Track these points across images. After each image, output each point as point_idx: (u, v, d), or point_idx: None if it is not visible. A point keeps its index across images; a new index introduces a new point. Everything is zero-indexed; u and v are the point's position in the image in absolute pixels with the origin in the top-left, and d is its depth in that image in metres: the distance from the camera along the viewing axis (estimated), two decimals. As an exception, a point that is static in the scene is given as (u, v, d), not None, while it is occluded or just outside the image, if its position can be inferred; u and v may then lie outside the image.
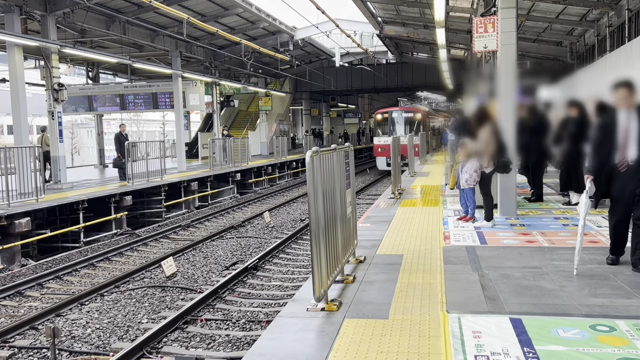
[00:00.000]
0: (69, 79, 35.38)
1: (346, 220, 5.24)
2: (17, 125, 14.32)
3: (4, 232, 10.91)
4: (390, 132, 25.55)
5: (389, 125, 26.25)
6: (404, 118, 26.17)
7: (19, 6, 13.80)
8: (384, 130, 26.51)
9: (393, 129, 25.89)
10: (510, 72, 8.21)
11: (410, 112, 26.69)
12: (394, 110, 27.15)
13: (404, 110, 27.16)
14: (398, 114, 26.42)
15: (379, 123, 27.03)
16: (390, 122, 26.29)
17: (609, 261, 5.51)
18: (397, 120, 26.19)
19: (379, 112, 27.37)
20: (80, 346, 6.71)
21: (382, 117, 26.74)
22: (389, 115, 26.50)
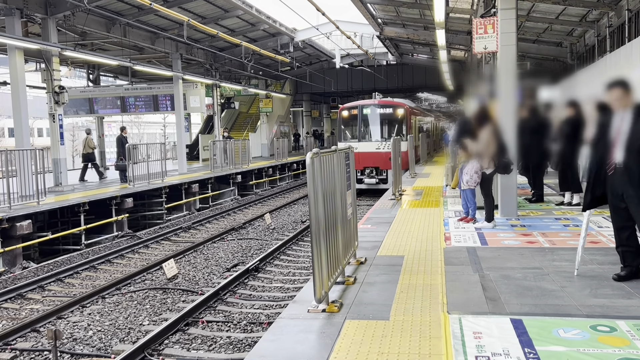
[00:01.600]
0: (70, 81, 35.45)
1: (347, 222, 5.25)
2: (18, 127, 14.34)
3: (6, 234, 10.92)
4: (360, 134, 19.39)
5: (359, 125, 19.55)
6: (379, 115, 19.51)
7: (20, 9, 13.82)
8: (352, 132, 19.76)
9: (365, 131, 19.66)
10: (510, 73, 8.22)
11: (389, 106, 19.79)
12: (366, 104, 19.92)
13: (379, 104, 19.84)
14: (371, 110, 19.56)
15: (346, 122, 19.98)
16: (361, 121, 19.58)
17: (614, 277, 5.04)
18: (371, 119, 19.55)
19: (344, 108, 20.11)
20: (81, 348, 6.72)
21: (349, 115, 19.76)
22: (359, 111, 19.61)
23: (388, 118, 19.54)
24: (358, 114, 19.54)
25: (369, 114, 19.57)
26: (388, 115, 19.54)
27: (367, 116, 19.60)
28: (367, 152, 18.32)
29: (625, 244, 4.97)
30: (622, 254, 5.01)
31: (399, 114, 19.41)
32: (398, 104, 19.92)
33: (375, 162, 18.46)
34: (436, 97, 42.63)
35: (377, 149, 18.57)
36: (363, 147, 18.30)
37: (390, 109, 19.61)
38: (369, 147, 18.55)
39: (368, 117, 19.59)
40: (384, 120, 19.54)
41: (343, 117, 19.94)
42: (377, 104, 19.89)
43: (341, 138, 19.93)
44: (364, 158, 18.01)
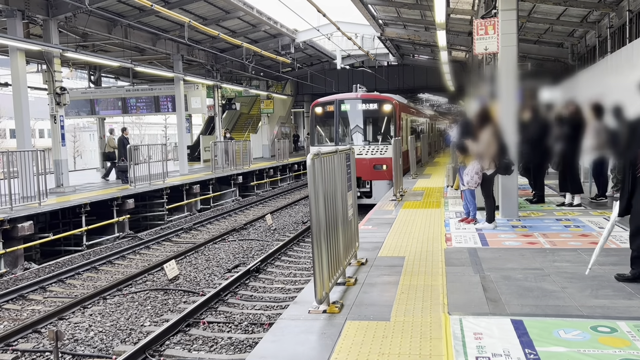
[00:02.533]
0: (71, 82, 35.51)
1: (347, 223, 5.26)
2: (19, 129, 14.36)
3: (7, 235, 10.94)
4: (338, 136, 15.73)
5: (336, 125, 15.85)
6: (362, 113, 15.95)
7: (21, 10, 13.85)
8: (329, 134, 16.21)
9: (344, 132, 16.03)
10: (511, 73, 8.23)
11: (374, 101, 16.19)
12: (344, 98, 16.18)
13: (362, 99, 16.13)
14: (351, 106, 15.98)
15: (320, 121, 16.36)
16: (339, 119, 15.88)
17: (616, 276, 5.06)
18: (351, 117, 16.05)
19: (318, 103, 16.41)
20: (83, 349, 6.72)
21: (324, 112, 16.11)
22: (336, 107, 15.89)
23: (372, 116, 15.85)
24: (335, 111, 15.67)
25: (348, 111, 15.80)
26: (372, 113, 15.79)
27: (346, 113, 15.80)
28: None
29: (636, 249, 4.94)
30: (633, 258, 4.99)
31: (385, 111, 15.73)
32: (385, 98, 16.17)
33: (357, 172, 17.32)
34: (437, 98, 42.64)
35: (358, 155, 14.59)
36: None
37: (375, 104, 15.80)
38: None
39: (347, 114, 15.81)
40: (368, 118, 15.88)
41: (316, 114, 16.16)
42: (359, 98, 15.96)
43: (314, 141, 16.04)
44: None
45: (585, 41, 17.39)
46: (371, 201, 14.02)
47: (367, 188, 15.32)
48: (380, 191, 14.63)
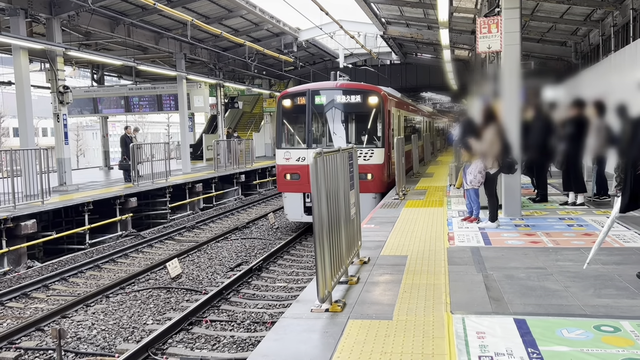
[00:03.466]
0: (74, 81, 35.53)
1: (350, 221, 5.25)
2: (22, 127, 14.39)
3: (10, 234, 10.96)
4: (311, 137, 12.61)
5: (309, 122, 12.62)
6: (341, 107, 12.72)
7: (24, 9, 13.87)
8: (300, 133, 13.07)
9: (319, 132, 13.01)
10: (514, 72, 8.20)
11: (356, 92, 12.80)
12: (319, 88, 13.02)
13: (341, 89, 12.85)
14: (328, 98, 12.74)
15: (289, 117, 13.18)
16: (312, 115, 12.64)
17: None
18: (328, 112, 12.75)
19: (286, 95, 13.18)
20: (85, 347, 6.74)
21: (293, 105, 12.87)
22: (309, 100, 12.63)
23: (355, 111, 12.69)
24: (307, 105, 12.43)
25: (324, 105, 12.55)
26: (355, 107, 12.59)
27: (321, 108, 12.58)
28: None
29: None
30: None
31: (371, 105, 12.41)
32: (370, 89, 12.93)
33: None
34: (440, 97, 42.59)
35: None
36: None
37: (358, 96, 12.51)
38: None
39: (323, 108, 12.58)
40: (349, 114, 12.67)
41: (284, 108, 12.82)
42: (337, 88, 12.69)
43: (281, 142, 12.87)
44: None
45: (588, 40, 17.35)
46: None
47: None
48: (364, 207, 10.01)
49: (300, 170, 12.32)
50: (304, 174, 12.08)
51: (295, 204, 12.66)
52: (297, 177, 12.42)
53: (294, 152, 12.62)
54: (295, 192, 12.62)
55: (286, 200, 12.88)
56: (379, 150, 12.41)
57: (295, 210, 12.77)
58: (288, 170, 12.55)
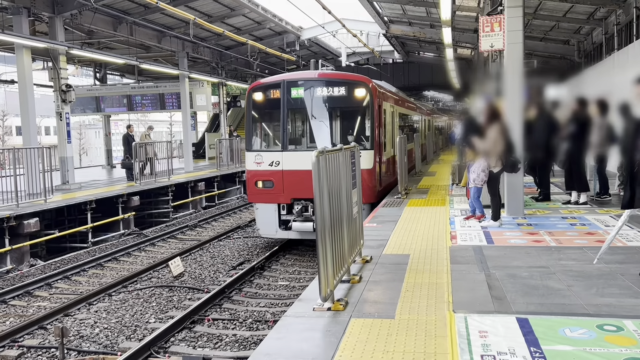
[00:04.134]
0: (77, 80, 35.58)
1: (352, 220, 5.24)
2: (25, 126, 14.42)
3: (13, 232, 10.99)
4: (286, 137, 10.79)
5: (285, 118, 10.78)
6: (322, 100, 10.80)
7: (27, 8, 13.89)
8: (274, 132, 11.31)
9: (296, 131, 11.40)
10: (517, 71, 8.18)
11: (340, 83, 10.82)
12: (297, 79, 11.07)
13: (322, 79, 10.97)
14: (306, 90, 10.82)
15: (260, 113, 11.29)
16: (287, 111, 10.81)
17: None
18: (307, 107, 10.81)
19: (258, 87, 11.23)
20: (88, 346, 6.75)
21: (266, 99, 10.98)
22: (284, 92, 10.79)
23: (338, 105, 10.78)
24: (282, 99, 10.60)
25: (302, 98, 10.69)
26: (338, 101, 10.67)
27: (298, 102, 10.70)
28: (298, 172, 10.10)
29: None
30: None
31: (358, 98, 10.57)
32: (357, 79, 10.96)
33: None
34: (442, 96, 42.51)
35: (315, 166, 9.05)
36: (292, 161, 10.40)
37: (343, 88, 10.58)
38: (302, 162, 10.03)
39: (301, 103, 10.72)
40: (332, 109, 10.75)
41: (255, 103, 10.95)
42: (317, 78, 10.87)
43: (251, 143, 10.96)
44: (293, 181, 10.28)
45: (591, 38, 17.30)
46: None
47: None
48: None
49: (274, 176, 10.49)
50: (278, 182, 10.46)
51: (268, 217, 10.71)
52: (271, 185, 10.54)
53: (266, 155, 10.69)
54: (268, 203, 10.69)
55: (258, 213, 10.99)
56: (368, 152, 10.34)
57: (268, 225, 10.79)
58: (260, 177, 10.64)
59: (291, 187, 10.34)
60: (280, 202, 10.60)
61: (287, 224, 10.50)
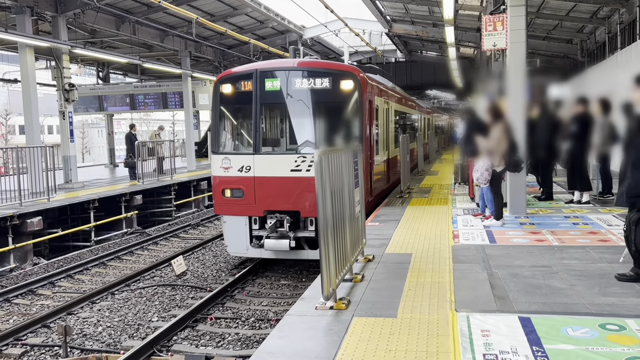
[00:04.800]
0: (80, 79, 35.66)
1: (355, 219, 5.25)
2: (28, 125, 14.45)
3: (17, 231, 11.02)
4: (258, 137, 9.13)
5: (257, 115, 9.15)
6: (303, 94, 9.09)
7: (30, 7, 13.92)
8: (245, 131, 9.65)
9: (275, 130, 9.84)
10: (519, 70, 8.18)
11: (323, 73, 9.07)
12: (276, 68, 9.38)
13: (302, 69, 9.33)
14: (283, 81, 9.12)
15: (230, 108, 9.63)
16: (260, 106, 9.17)
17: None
18: (284, 101, 9.17)
19: (226, 79, 9.47)
20: (91, 344, 6.77)
21: (236, 92, 9.31)
22: (256, 84, 9.15)
23: (321, 99, 9.10)
24: (254, 91, 9.07)
25: (278, 91, 9.08)
26: (321, 95, 9.01)
27: (274, 96, 9.14)
28: (273, 179, 8.82)
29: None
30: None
31: (344, 92, 8.98)
32: (343, 69, 9.52)
33: (291, 200, 8.74)
34: (445, 95, 42.45)
35: (295, 170, 8.69)
36: (265, 166, 8.90)
37: (326, 79, 8.94)
38: (277, 167, 8.85)
39: (277, 97, 9.15)
40: (315, 104, 9.04)
41: (223, 97, 9.37)
42: (296, 67, 9.29)
43: (218, 144, 9.38)
44: (267, 190, 8.83)
45: (594, 37, 17.27)
46: (316, 255, 8.11)
47: (310, 230, 8.69)
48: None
49: (244, 184, 8.90)
50: (249, 191, 8.85)
51: (237, 232, 9.10)
52: (240, 195, 8.95)
53: (235, 158, 9.02)
54: (237, 216, 9.06)
55: (226, 227, 9.35)
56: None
57: (237, 241, 9.17)
58: (228, 184, 9.05)
59: (264, 197, 8.81)
60: (251, 214, 8.93)
61: (259, 240, 8.96)
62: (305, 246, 8.86)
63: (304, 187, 8.52)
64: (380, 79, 12.48)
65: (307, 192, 8.43)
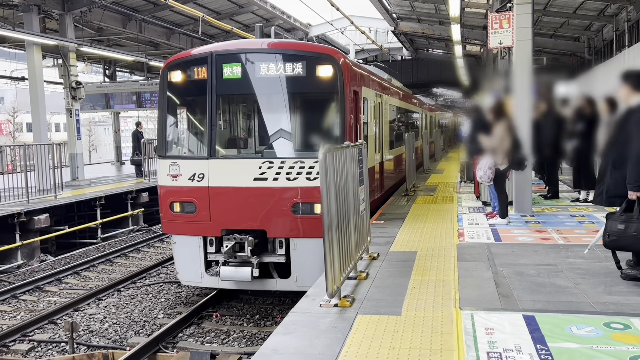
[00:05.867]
0: (86, 77, 35.82)
1: (359, 217, 5.26)
2: (36, 122, 14.54)
3: (24, 228, 11.09)
4: (217, 138, 7.39)
5: (213, 110, 7.31)
6: (274, 83, 7.23)
7: (38, 5, 14.00)
8: (199, 131, 7.86)
9: (236, 129, 8.29)
10: (526, 68, 8.15)
11: (296, 58, 7.14)
12: (238, 50, 7.45)
13: (272, 51, 7.39)
14: (249, 65, 7.24)
15: (181, 101, 7.94)
16: (216, 97, 7.33)
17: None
18: (250, 92, 7.46)
19: (175, 64, 7.61)
20: (97, 340, 6.82)
21: (188, 80, 7.48)
22: (212, 69, 7.27)
23: (293, 90, 7.37)
24: (209, 80, 7.37)
25: (239, 79, 7.37)
26: (292, 83, 7.29)
27: (234, 85, 7.46)
28: (232, 190, 7.18)
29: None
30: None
31: (322, 79, 7.21)
32: (319, 51, 7.57)
33: (255, 217, 7.08)
34: (451, 93, 42.29)
35: (259, 178, 7.04)
36: (222, 173, 7.25)
37: (299, 64, 7.18)
38: (236, 175, 7.20)
39: (238, 87, 7.50)
40: (285, 94, 7.39)
41: (171, 86, 7.69)
42: (264, 49, 7.53)
43: (164, 147, 7.69)
44: (225, 204, 7.15)
45: (602, 35, 17.16)
46: (287, 285, 7.12)
47: (279, 255, 7.12)
48: (310, 261, 6.82)
49: (197, 196, 7.21)
50: (202, 204, 7.16)
51: (189, 256, 7.39)
52: (192, 210, 7.26)
53: (185, 164, 7.34)
54: (188, 235, 7.39)
55: (176, 249, 7.66)
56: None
57: (190, 267, 7.42)
58: (176, 196, 7.36)
59: (221, 213, 7.07)
60: (205, 234, 7.24)
61: (209, 267, 7.40)
62: (275, 273, 7.17)
63: (271, 201, 6.90)
64: (372, 69, 10.85)
65: (275, 207, 6.89)
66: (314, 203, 6.79)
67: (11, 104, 48.60)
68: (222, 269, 6.95)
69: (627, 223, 4.57)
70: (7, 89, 47.81)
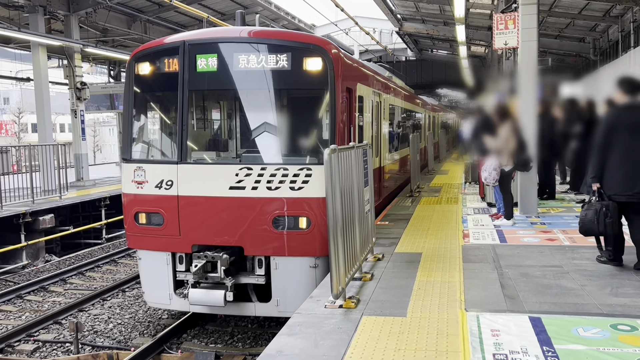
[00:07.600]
0: (91, 77, 35.91)
1: (364, 218, 5.25)
2: (41, 123, 14.58)
3: (29, 228, 11.12)
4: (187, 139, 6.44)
5: (183, 107, 6.38)
6: (254, 77, 6.35)
7: (43, 6, 14.04)
8: (168, 132, 6.94)
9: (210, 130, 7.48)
10: (531, 69, 8.12)
11: (282, 47, 6.22)
12: (214, 40, 6.52)
13: (253, 40, 6.44)
14: (226, 55, 6.32)
15: (149, 97, 7.02)
16: (191, 91, 6.48)
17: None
18: (227, 87, 6.59)
19: (143, 55, 6.62)
20: (102, 341, 6.83)
21: (157, 73, 6.56)
22: (184, 60, 6.35)
23: (276, 85, 6.43)
24: (180, 73, 6.43)
25: (215, 73, 6.42)
26: (274, 77, 6.35)
27: (208, 79, 6.53)
28: (205, 199, 6.30)
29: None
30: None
31: (308, 73, 6.25)
32: (306, 41, 6.54)
33: (231, 231, 6.19)
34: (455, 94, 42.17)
35: (236, 187, 6.13)
36: (193, 180, 6.35)
37: (283, 55, 6.23)
38: (210, 183, 6.29)
39: (213, 81, 6.55)
40: (267, 90, 6.45)
41: (138, 80, 6.73)
42: (241, 38, 6.56)
43: (129, 150, 6.80)
44: (197, 216, 6.30)
45: (607, 36, 17.10)
46: (267, 311, 6.33)
47: (258, 275, 6.24)
48: (293, 284, 6.14)
49: (165, 206, 6.40)
50: (171, 216, 6.35)
51: (156, 274, 6.56)
52: (159, 222, 6.44)
53: (152, 169, 6.53)
54: (155, 251, 6.55)
55: (142, 266, 6.79)
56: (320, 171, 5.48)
57: (157, 287, 6.58)
58: (142, 206, 6.60)
59: (192, 226, 6.26)
60: (174, 250, 6.41)
61: (179, 287, 6.57)
62: (253, 296, 6.31)
63: (250, 213, 6.04)
64: (371, 65, 10.23)
65: (253, 220, 6.03)
66: (298, 216, 5.98)
67: (16, 104, 48.80)
68: (190, 292, 6.07)
69: (586, 211, 5.20)
70: (12, 89, 47.97)
